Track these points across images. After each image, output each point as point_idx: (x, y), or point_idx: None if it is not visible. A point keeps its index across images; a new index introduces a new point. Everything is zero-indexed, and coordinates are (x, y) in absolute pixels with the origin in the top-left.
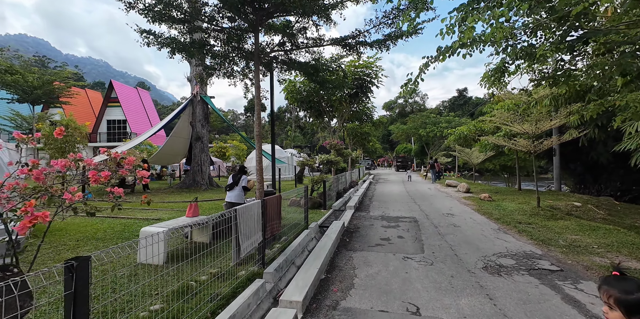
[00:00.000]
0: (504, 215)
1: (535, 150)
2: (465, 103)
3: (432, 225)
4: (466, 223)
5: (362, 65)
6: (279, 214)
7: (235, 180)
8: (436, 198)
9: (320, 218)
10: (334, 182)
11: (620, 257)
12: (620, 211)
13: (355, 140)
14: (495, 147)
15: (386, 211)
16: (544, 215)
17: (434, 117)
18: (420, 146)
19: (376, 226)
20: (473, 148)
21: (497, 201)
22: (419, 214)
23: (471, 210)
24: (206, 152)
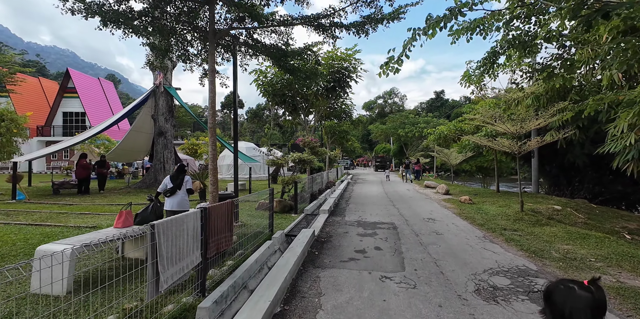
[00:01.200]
0: (487, 220)
1: (520, 151)
2: (442, 105)
3: (412, 233)
4: (449, 230)
5: (339, 57)
6: (231, 225)
7: (177, 183)
8: (415, 200)
9: (289, 225)
10: (308, 183)
11: (624, 273)
12: (598, 214)
13: (333, 139)
14: (476, 148)
15: (363, 215)
16: (529, 220)
17: (413, 118)
18: (399, 146)
19: (351, 234)
20: (452, 149)
21: (478, 204)
22: (398, 219)
23: (452, 214)
24: (170, 149)
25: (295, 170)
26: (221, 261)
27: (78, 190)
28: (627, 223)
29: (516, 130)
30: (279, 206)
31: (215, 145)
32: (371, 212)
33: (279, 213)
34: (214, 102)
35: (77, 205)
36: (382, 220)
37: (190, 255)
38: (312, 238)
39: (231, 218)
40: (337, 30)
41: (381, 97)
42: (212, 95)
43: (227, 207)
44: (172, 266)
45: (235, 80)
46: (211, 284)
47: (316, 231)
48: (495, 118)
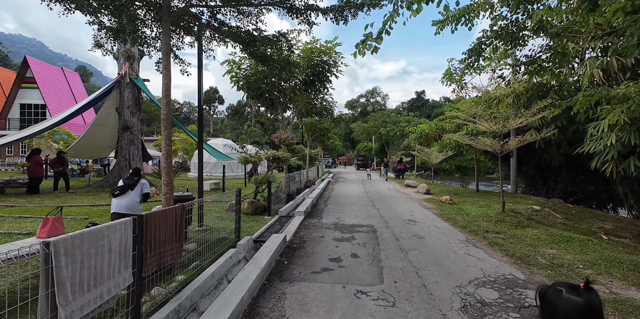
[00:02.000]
0: (469, 222)
1: (502, 150)
2: (422, 105)
3: (392, 237)
4: (430, 233)
5: (319, 49)
6: (180, 234)
7: (129, 183)
8: (396, 200)
9: (260, 229)
10: (285, 182)
11: (615, 282)
12: (575, 214)
13: (314, 136)
14: (456, 147)
15: (341, 217)
16: (510, 221)
17: (394, 117)
18: (381, 145)
19: (327, 239)
20: (432, 148)
21: (459, 204)
22: (378, 221)
23: (434, 215)
24: (137, 144)
25: (271, 169)
26: (170, 275)
27: (27, 189)
28: (602, 223)
29: (498, 128)
30: (250, 207)
31: (169, 139)
32: (350, 213)
33: (251, 215)
34: (169, 89)
35: (21, 207)
36: (361, 222)
37: (115, 276)
38: (283, 245)
39: (181, 225)
40: (313, 14)
41: (363, 95)
42: (166, 82)
43: (174, 213)
44: (82, 294)
45: (200, 67)
46: (150, 309)
47: (288, 236)
48: (477, 117)
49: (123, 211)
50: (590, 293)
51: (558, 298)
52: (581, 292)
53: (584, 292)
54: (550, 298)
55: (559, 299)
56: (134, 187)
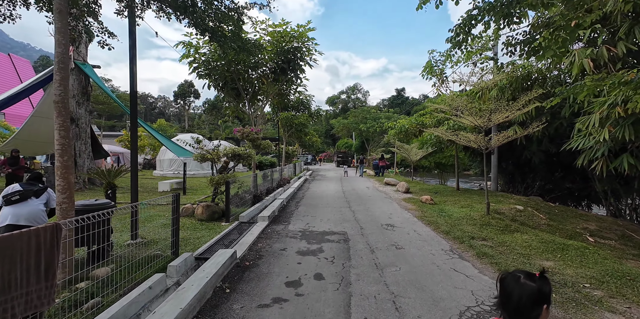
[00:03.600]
0: (452, 226)
1: (487, 147)
2: (402, 103)
3: (367, 247)
4: (410, 241)
5: (288, 33)
6: (48, 269)
7: (33, 189)
8: (374, 200)
9: (210, 240)
10: (252, 182)
11: (634, 308)
12: (557, 214)
13: (290, 132)
14: (437, 143)
15: (312, 222)
16: (496, 225)
17: (375, 113)
18: (361, 142)
19: (289, 252)
20: (412, 145)
21: (440, 204)
22: (352, 226)
23: (414, 217)
24: (84, 139)
25: (232, 168)
26: None
27: None
28: (586, 223)
29: (483, 123)
30: (205, 212)
31: (67, 129)
32: (322, 217)
33: (206, 222)
34: (66, 61)
35: None
36: (333, 228)
37: None
38: (230, 265)
39: (51, 256)
40: None
41: (344, 92)
42: (61, 51)
43: (34, 240)
44: None
45: (132, 46)
46: None
47: (242, 250)
48: (460, 110)
49: (23, 222)
50: (543, 281)
51: (515, 283)
52: (536, 279)
53: (538, 279)
54: (508, 282)
55: (515, 284)
56: (39, 194)
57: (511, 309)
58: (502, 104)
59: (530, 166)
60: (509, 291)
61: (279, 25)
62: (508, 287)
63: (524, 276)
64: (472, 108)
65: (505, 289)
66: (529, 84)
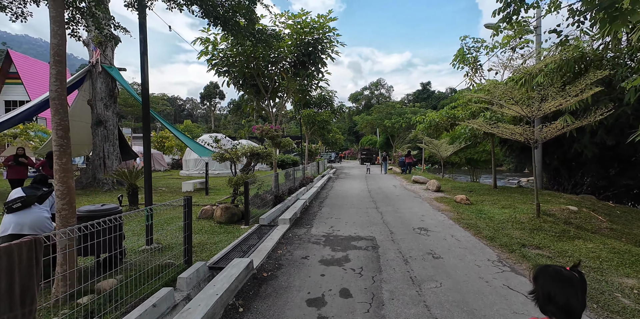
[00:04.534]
0: (496, 231)
1: (537, 139)
2: (428, 97)
3: (399, 256)
4: (449, 248)
5: (308, 24)
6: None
7: (36, 194)
8: (403, 200)
9: (227, 246)
10: (273, 181)
11: None
12: (620, 216)
13: (313, 130)
14: (472, 137)
15: (336, 225)
16: (551, 230)
17: (400, 108)
18: (386, 138)
19: (312, 261)
20: (442, 140)
21: (476, 204)
22: (380, 230)
23: (449, 220)
24: (112, 141)
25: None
26: None
27: None
28: None
29: (531, 112)
30: (224, 215)
31: (65, 128)
32: (347, 219)
33: (225, 225)
34: (63, 53)
35: None
36: (359, 232)
37: None
38: (246, 276)
39: (29, 276)
40: None
41: (367, 88)
42: (57, 42)
43: (11, 256)
44: None
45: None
46: None
47: (259, 258)
48: (504, 99)
49: (27, 231)
50: (574, 271)
51: (545, 269)
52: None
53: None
54: (539, 270)
55: (544, 268)
56: (43, 200)
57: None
58: (551, 91)
59: (579, 161)
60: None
61: (298, 15)
62: (546, 282)
63: (562, 270)
64: (521, 96)
65: (544, 285)
66: (582, 68)
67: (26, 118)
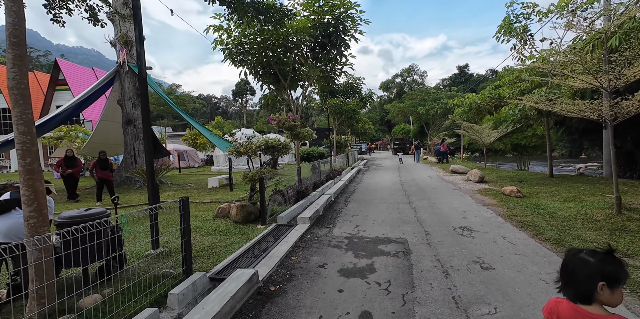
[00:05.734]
0: (562, 231)
1: (615, 116)
2: (466, 81)
3: (437, 266)
4: (502, 255)
5: (328, 1)
6: None
7: (17, 200)
8: (440, 193)
9: (237, 250)
10: (296, 176)
11: None
12: None
13: (340, 120)
14: (523, 119)
15: (362, 224)
16: (639, 231)
17: (434, 93)
18: (420, 126)
19: (330, 270)
20: (483, 125)
21: (530, 197)
22: (414, 230)
23: (498, 217)
24: (142, 140)
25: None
26: None
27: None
28: None
29: (609, 81)
30: (240, 213)
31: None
32: (376, 217)
33: (240, 224)
34: (19, 35)
35: None
36: (388, 233)
37: None
38: (247, 293)
39: None
40: None
41: (399, 75)
42: (11, 22)
43: None
44: None
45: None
46: None
47: (268, 267)
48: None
49: (1, 239)
50: (607, 258)
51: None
52: (598, 256)
53: (602, 255)
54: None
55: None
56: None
57: (566, 283)
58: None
59: None
60: (568, 266)
61: None
62: (568, 262)
63: (586, 252)
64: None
65: (567, 265)
66: None
67: (65, 119)
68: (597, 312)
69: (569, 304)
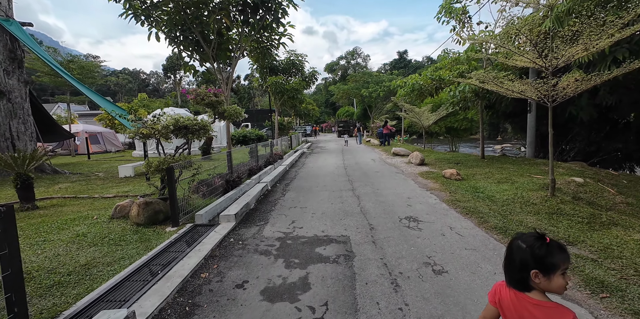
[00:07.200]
0: (505, 217)
1: (556, 98)
2: (405, 66)
3: (384, 274)
4: (452, 251)
5: None
6: None
7: None
8: (384, 177)
9: (128, 267)
10: (227, 162)
11: None
12: (629, 186)
13: (282, 100)
14: (462, 101)
15: (300, 218)
16: (574, 214)
17: (377, 76)
18: (363, 109)
19: (250, 292)
20: (423, 108)
21: (468, 179)
22: (357, 225)
23: (442, 203)
24: (22, 117)
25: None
26: None
27: None
28: None
29: (549, 62)
30: (143, 213)
31: None
32: (316, 209)
33: (144, 227)
34: None
35: None
36: (329, 229)
37: None
38: None
39: None
40: None
41: (343, 57)
42: None
43: None
44: None
45: None
46: None
47: (160, 298)
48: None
49: None
50: (537, 243)
51: (511, 243)
52: (531, 241)
53: (534, 240)
54: (510, 242)
55: (511, 243)
56: None
57: (505, 270)
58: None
59: (567, 126)
60: (507, 251)
61: None
62: (508, 247)
63: (523, 237)
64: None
65: (507, 250)
66: (597, 5)
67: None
68: (537, 298)
69: (511, 290)
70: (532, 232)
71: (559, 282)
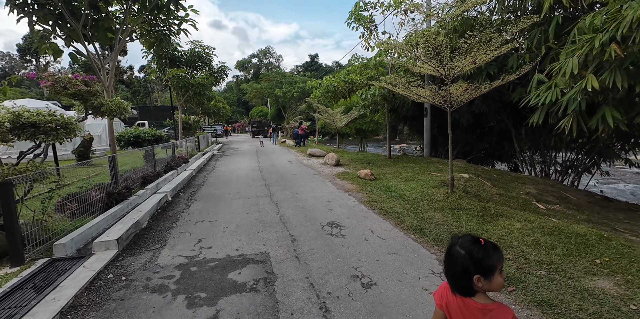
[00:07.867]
0: (417, 216)
1: (452, 104)
2: (316, 69)
3: (312, 297)
4: (377, 258)
5: None
6: None
7: None
8: (302, 180)
9: None
10: (111, 171)
11: None
12: (498, 180)
13: (187, 96)
14: (372, 104)
15: (208, 236)
16: (470, 208)
17: (291, 76)
18: (277, 109)
19: None
20: (336, 109)
21: (381, 179)
22: (277, 237)
23: (361, 205)
24: None
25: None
26: None
27: None
28: (524, 187)
29: (446, 71)
30: None
31: None
32: (228, 221)
33: None
34: None
35: None
36: (244, 246)
37: None
38: None
39: None
40: None
41: (255, 55)
42: None
43: None
44: None
45: None
46: None
47: None
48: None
49: None
50: (474, 247)
51: (450, 248)
52: (468, 245)
53: (471, 245)
54: (449, 247)
55: (450, 249)
56: None
57: (447, 276)
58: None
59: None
60: (446, 258)
61: None
62: (447, 254)
63: (460, 243)
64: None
65: (446, 257)
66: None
67: None
68: (481, 301)
69: (457, 296)
70: (466, 235)
71: (499, 281)
